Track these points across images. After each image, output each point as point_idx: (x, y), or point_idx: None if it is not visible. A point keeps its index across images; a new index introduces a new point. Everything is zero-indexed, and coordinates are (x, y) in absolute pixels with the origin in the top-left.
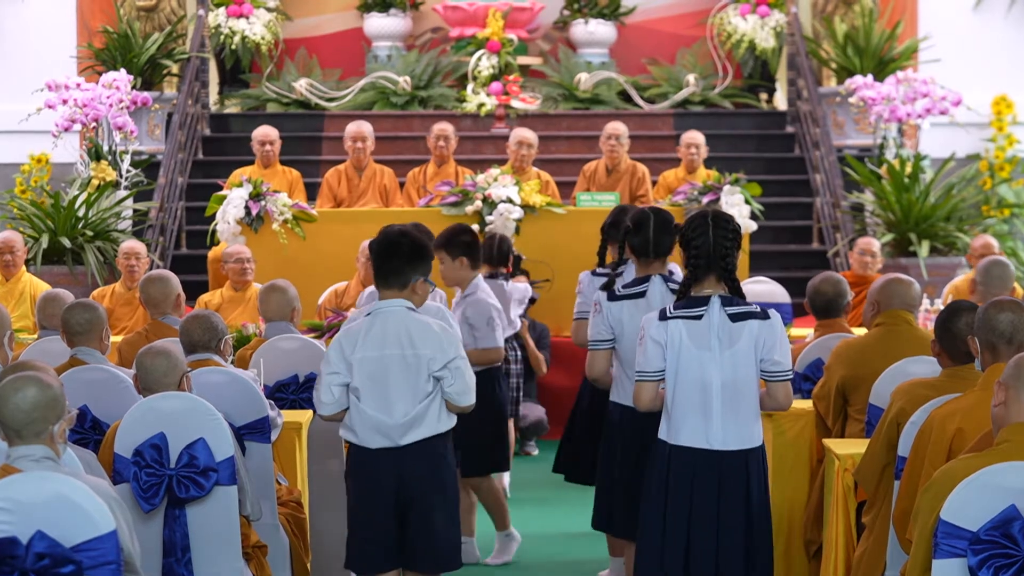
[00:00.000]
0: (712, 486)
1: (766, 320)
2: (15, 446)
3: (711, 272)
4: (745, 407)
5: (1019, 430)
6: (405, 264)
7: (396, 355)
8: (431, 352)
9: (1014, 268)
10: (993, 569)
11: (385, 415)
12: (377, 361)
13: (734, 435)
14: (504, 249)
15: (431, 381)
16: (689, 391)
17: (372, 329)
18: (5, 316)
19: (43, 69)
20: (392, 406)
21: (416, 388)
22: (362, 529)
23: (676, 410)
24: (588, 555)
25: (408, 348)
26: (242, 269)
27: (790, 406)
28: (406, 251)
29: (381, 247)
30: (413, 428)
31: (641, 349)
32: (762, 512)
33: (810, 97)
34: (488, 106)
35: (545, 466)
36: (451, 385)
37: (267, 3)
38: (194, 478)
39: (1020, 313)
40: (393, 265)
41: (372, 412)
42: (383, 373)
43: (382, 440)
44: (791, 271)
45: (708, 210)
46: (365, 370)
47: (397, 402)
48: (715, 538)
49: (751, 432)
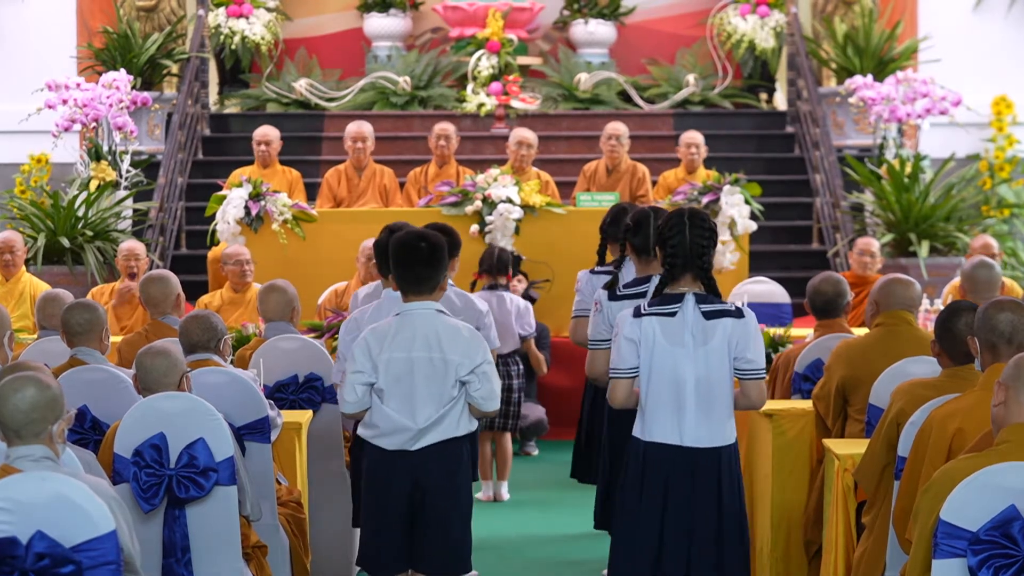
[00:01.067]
0: (685, 483)
1: (740, 318)
2: (14, 446)
3: (687, 271)
4: (718, 405)
5: (1019, 430)
6: (430, 269)
7: (423, 358)
8: (459, 357)
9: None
10: (993, 569)
11: (408, 418)
12: (404, 363)
13: (707, 432)
14: (503, 259)
15: (457, 386)
16: (663, 388)
17: (401, 331)
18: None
19: (43, 69)
20: (416, 409)
21: (442, 392)
22: (375, 529)
23: (649, 407)
24: (588, 555)
25: (436, 351)
26: (241, 271)
27: (763, 405)
28: (426, 255)
29: (401, 254)
30: (432, 431)
31: (615, 346)
32: (733, 510)
33: (810, 97)
34: (488, 106)
35: (545, 466)
36: (477, 390)
37: (267, 3)
38: (194, 478)
39: (1020, 313)
40: (417, 272)
41: (395, 414)
42: (409, 375)
43: (400, 442)
44: (791, 271)
45: (684, 209)
46: (392, 371)
47: (421, 405)
48: (688, 535)
49: (724, 430)
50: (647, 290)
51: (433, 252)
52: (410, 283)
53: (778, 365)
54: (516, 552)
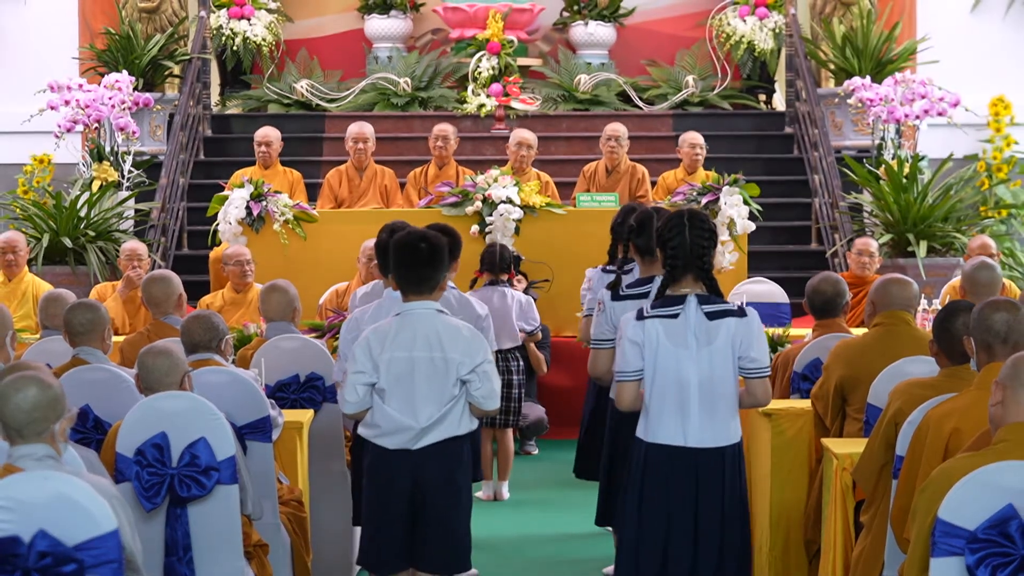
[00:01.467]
0: (689, 484)
1: (743, 318)
2: (16, 445)
3: (688, 272)
4: (723, 404)
5: (1017, 429)
6: (430, 269)
7: (424, 357)
8: (460, 356)
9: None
10: (991, 568)
11: (410, 418)
12: (405, 362)
13: (711, 432)
14: (505, 257)
15: (458, 385)
16: (666, 389)
17: (402, 330)
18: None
19: (45, 70)
20: (417, 409)
21: (442, 392)
22: (376, 528)
23: (653, 408)
24: (589, 554)
25: (437, 351)
26: (242, 271)
27: (768, 402)
28: (426, 256)
29: (402, 255)
30: (433, 430)
31: (620, 350)
32: (737, 509)
33: (809, 98)
34: (488, 107)
35: (545, 465)
36: (478, 389)
37: (268, 4)
38: (196, 477)
39: (1015, 313)
40: (418, 272)
41: (396, 414)
42: (410, 375)
43: (402, 441)
44: (790, 271)
45: (684, 210)
46: (393, 371)
47: (422, 405)
48: (693, 536)
49: (728, 430)
50: (650, 290)
51: (433, 252)
52: (410, 283)
53: (777, 365)
54: (516, 551)
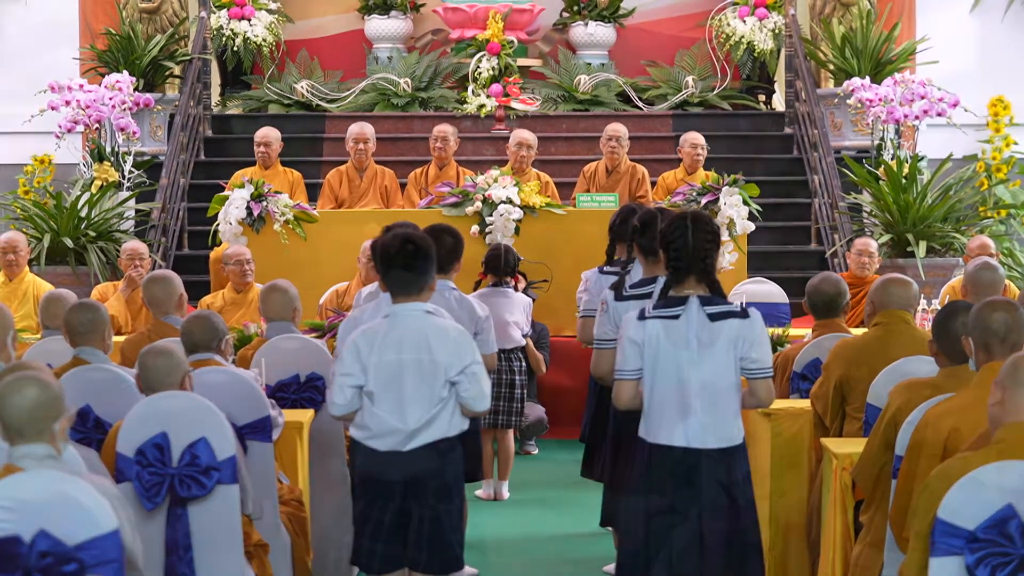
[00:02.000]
0: (692, 485)
1: (746, 318)
2: (17, 445)
3: (691, 273)
4: (724, 406)
5: (1016, 429)
6: (416, 272)
7: (413, 360)
8: (448, 358)
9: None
10: (990, 568)
11: (399, 420)
12: (394, 365)
13: (713, 434)
14: (510, 262)
15: (447, 386)
16: (667, 390)
17: (390, 332)
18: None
19: (46, 71)
20: (406, 411)
21: (432, 394)
22: (368, 529)
23: (654, 409)
24: (589, 553)
25: (425, 353)
26: (242, 271)
27: (772, 403)
28: (412, 258)
29: (388, 257)
30: (424, 431)
31: (620, 348)
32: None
33: (808, 98)
34: (488, 107)
35: (545, 465)
36: (467, 390)
37: (268, 5)
38: (196, 477)
39: (1013, 312)
40: (404, 275)
41: (386, 416)
42: (399, 378)
43: (392, 443)
44: (789, 271)
45: (687, 211)
46: (381, 374)
47: (411, 407)
48: (698, 537)
49: (731, 431)
50: (653, 291)
51: (419, 254)
52: (398, 285)
53: (776, 365)
54: (516, 551)
